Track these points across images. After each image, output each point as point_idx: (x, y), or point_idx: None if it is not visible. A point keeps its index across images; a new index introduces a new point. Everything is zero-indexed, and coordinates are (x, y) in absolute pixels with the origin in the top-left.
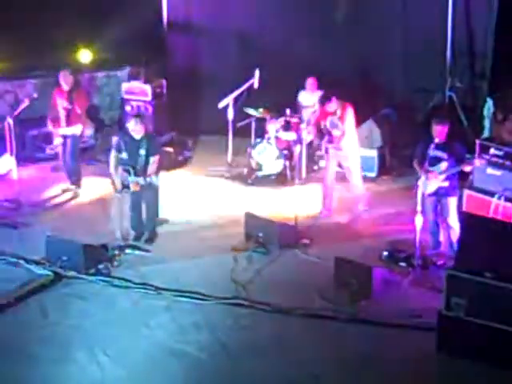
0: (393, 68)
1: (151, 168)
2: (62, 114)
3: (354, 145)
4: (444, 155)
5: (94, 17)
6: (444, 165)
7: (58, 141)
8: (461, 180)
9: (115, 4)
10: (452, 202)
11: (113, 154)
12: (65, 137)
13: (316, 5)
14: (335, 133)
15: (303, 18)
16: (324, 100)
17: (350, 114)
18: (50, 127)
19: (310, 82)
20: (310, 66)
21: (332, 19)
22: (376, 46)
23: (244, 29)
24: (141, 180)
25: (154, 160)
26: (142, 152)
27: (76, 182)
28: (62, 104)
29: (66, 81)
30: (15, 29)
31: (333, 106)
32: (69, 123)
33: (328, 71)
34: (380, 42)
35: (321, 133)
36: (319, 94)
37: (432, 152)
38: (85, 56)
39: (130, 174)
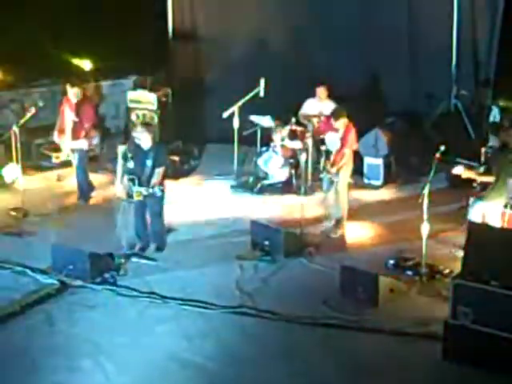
0: (398, 77)
1: (155, 179)
2: (69, 127)
3: (346, 167)
4: None
5: (100, 26)
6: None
7: (64, 155)
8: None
9: (120, 13)
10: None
11: (120, 162)
12: (72, 150)
13: (321, 13)
14: (332, 150)
15: (308, 26)
16: (335, 115)
17: (352, 136)
18: (55, 138)
19: (321, 90)
20: (315, 75)
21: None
22: (381, 54)
23: (250, 37)
24: (144, 190)
25: (159, 171)
26: (149, 163)
27: (86, 196)
28: (69, 116)
29: (74, 93)
30: (21, 37)
31: (340, 124)
32: (74, 136)
33: (333, 80)
34: (386, 50)
35: (318, 144)
36: (328, 102)
37: None
38: (90, 65)
39: (134, 183)
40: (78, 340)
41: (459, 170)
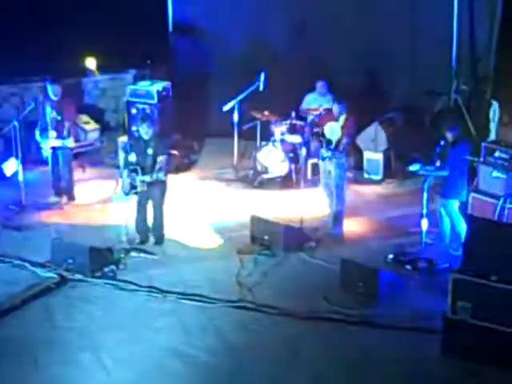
0: (399, 71)
1: (158, 166)
2: (51, 125)
3: (343, 158)
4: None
5: (100, 19)
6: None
7: (46, 152)
8: None
9: (120, 6)
10: (448, 204)
11: (121, 155)
12: (54, 148)
13: (323, 8)
14: (331, 138)
15: (309, 21)
16: (336, 101)
17: (352, 126)
18: (37, 138)
19: (320, 84)
20: (316, 69)
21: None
22: (382, 49)
23: (250, 31)
24: (147, 178)
25: (161, 159)
26: (150, 151)
27: (70, 194)
28: (50, 114)
29: (54, 91)
30: (21, 33)
31: (339, 108)
32: (58, 135)
33: (334, 74)
34: (386, 45)
35: (317, 137)
36: (328, 96)
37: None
38: (90, 63)
39: (137, 173)
40: (77, 334)
41: (416, 167)
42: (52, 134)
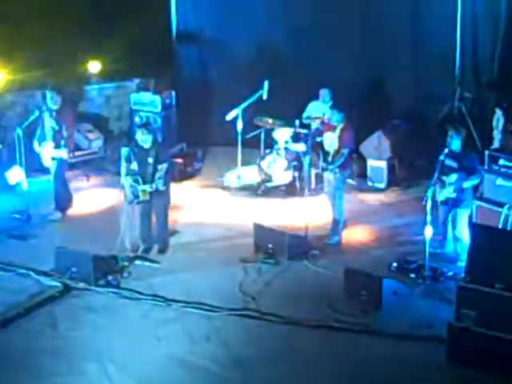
0: (402, 79)
1: (158, 175)
2: (49, 135)
3: (343, 169)
4: (455, 166)
5: (104, 28)
6: (454, 176)
7: (46, 162)
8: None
9: (124, 14)
10: (461, 214)
11: (123, 164)
12: (53, 158)
13: (326, 17)
14: (329, 149)
15: (314, 29)
16: (333, 110)
17: (350, 135)
18: (36, 148)
19: (324, 92)
20: (320, 77)
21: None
22: (386, 57)
23: (253, 39)
24: (147, 187)
25: (162, 167)
26: (150, 160)
27: (62, 207)
28: (49, 124)
29: (53, 100)
30: (24, 40)
31: (338, 117)
32: (56, 145)
33: (338, 82)
34: (390, 53)
35: (316, 147)
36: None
37: (446, 161)
38: (94, 67)
39: (138, 183)
40: (81, 343)
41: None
42: (49, 143)
